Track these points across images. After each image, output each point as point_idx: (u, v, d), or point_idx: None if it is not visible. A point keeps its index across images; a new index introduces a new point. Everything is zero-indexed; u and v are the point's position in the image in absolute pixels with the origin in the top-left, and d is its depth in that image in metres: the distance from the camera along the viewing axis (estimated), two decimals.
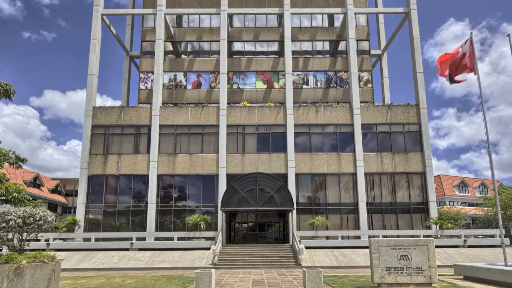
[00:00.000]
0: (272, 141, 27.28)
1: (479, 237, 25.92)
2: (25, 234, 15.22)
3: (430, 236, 23.71)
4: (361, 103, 28.39)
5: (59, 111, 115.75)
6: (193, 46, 32.56)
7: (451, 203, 51.41)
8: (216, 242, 22.29)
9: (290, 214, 24.69)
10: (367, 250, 19.93)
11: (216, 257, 20.36)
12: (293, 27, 31.54)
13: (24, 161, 20.11)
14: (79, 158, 27.03)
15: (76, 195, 39.80)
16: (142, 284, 12.31)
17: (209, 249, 22.28)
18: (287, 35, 29.20)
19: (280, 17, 31.62)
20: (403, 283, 10.09)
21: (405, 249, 10.20)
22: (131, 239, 23.32)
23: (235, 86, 31.52)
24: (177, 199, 26.65)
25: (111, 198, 26.54)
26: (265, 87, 31.48)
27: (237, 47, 32.59)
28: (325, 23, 33.03)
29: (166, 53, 31.49)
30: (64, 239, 23.93)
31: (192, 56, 32.27)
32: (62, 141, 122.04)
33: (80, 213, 25.71)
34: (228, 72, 30.38)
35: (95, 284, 12.56)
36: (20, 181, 36.75)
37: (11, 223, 13.83)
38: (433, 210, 25.91)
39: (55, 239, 23.57)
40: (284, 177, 26.03)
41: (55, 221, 21.20)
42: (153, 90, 28.81)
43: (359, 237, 24.32)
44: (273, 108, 28.01)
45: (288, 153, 26.64)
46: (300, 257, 20.37)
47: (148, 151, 26.85)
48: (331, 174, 26.71)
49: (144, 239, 24.04)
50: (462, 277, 13.03)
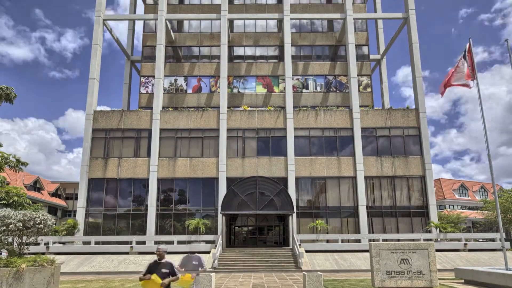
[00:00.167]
0: (272, 145, 27.33)
1: (480, 240, 25.84)
2: (24, 237, 15.18)
3: (430, 239, 23.65)
4: (360, 107, 28.50)
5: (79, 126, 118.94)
6: (193, 50, 32.76)
7: (451, 207, 51.25)
8: (216, 245, 22.25)
9: (290, 217, 24.66)
10: (368, 253, 19.86)
11: (216, 261, 20.32)
12: (292, 32, 31.77)
13: (25, 164, 20.13)
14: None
15: (76, 199, 39.79)
16: None
17: (209, 252, 22.23)
18: (287, 40, 29.41)
19: (280, 22, 31.86)
20: (403, 287, 10.08)
21: (405, 253, 10.17)
22: (131, 242, 23.28)
23: (235, 90, 31.67)
24: (177, 202, 26.64)
25: (111, 201, 26.53)
26: (265, 91, 31.62)
27: (237, 51, 32.80)
28: (325, 28, 33.28)
29: (166, 57, 31.67)
30: (64, 243, 23.88)
31: (192, 60, 32.46)
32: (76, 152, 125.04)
33: (80, 216, 25.66)
34: (228, 76, 30.55)
35: None
36: (20, 184, 36.72)
37: (11, 226, 13.80)
38: (433, 213, 25.89)
39: (55, 243, 23.50)
40: (284, 181, 26.04)
41: (55, 224, 21.20)
42: (153, 94, 28.93)
43: (359, 241, 24.27)
44: (273, 112, 28.11)
45: (288, 156, 26.68)
46: (300, 260, 20.31)
47: (148, 155, 26.90)
48: (331, 177, 26.73)
49: (144, 242, 23.98)
50: (463, 281, 13.00)
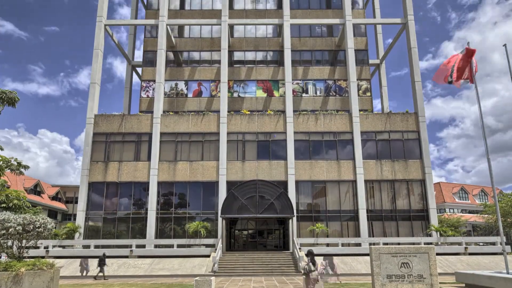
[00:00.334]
0: (272, 149, 27.40)
1: (480, 244, 25.77)
2: (24, 241, 15.15)
3: (431, 243, 23.62)
4: (360, 111, 28.62)
5: None
6: (194, 55, 33.00)
7: (451, 210, 51.14)
8: (216, 249, 22.19)
9: (290, 221, 24.64)
10: (368, 257, 19.81)
11: (216, 265, 20.26)
12: (292, 37, 32.00)
13: (26, 168, 20.19)
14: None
15: (76, 202, 39.68)
16: None
17: (209, 256, 22.16)
18: (287, 45, 29.63)
19: (279, 27, 32.14)
20: None
21: (406, 257, 10.15)
22: (130, 246, 23.23)
23: (235, 94, 31.83)
24: (177, 206, 26.62)
25: (111, 205, 26.52)
26: (265, 95, 31.78)
27: (237, 56, 33.04)
28: (324, 33, 33.55)
29: (167, 62, 31.88)
30: (63, 246, 23.83)
31: (193, 65, 32.67)
32: None
33: (80, 220, 25.65)
34: (228, 81, 30.74)
35: None
36: (20, 188, 36.71)
37: (11, 230, 13.79)
38: (434, 217, 25.86)
39: (54, 246, 23.46)
40: (284, 184, 26.06)
41: (55, 228, 21.16)
42: (154, 98, 29.08)
43: (359, 245, 24.22)
44: (273, 116, 28.23)
45: (288, 160, 26.73)
46: (300, 264, 20.25)
47: (148, 159, 26.95)
48: (331, 181, 26.75)
49: (143, 246, 23.93)
50: (463, 285, 12.97)
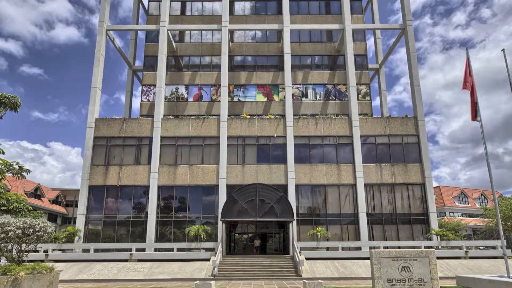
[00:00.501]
0: (272, 153, 27.47)
1: (481, 248, 25.70)
2: (24, 245, 15.14)
3: (431, 247, 23.54)
4: (360, 115, 28.75)
5: None
6: (194, 60, 33.22)
7: (451, 214, 51.02)
8: (216, 253, 22.14)
9: (290, 225, 24.61)
10: (368, 261, 19.77)
11: (215, 269, 20.19)
12: (292, 42, 32.25)
13: (27, 171, 20.24)
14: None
15: (76, 206, 39.73)
16: None
17: (208, 260, 22.10)
18: (287, 50, 29.84)
19: (279, 32, 32.41)
20: None
21: (406, 261, 10.14)
22: (130, 250, 23.18)
23: (235, 99, 31.98)
24: (177, 209, 26.61)
25: (111, 208, 26.51)
26: (265, 99, 31.94)
27: (237, 61, 33.27)
28: (324, 38, 33.81)
29: (168, 67, 32.08)
30: (63, 250, 23.79)
31: (193, 69, 32.88)
32: None
33: (80, 223, 25.62)
34: (229, 85, 30.91)
35: None
36: (21, 191, 36.72)
37: (10, 234, 13.80)
38: (434, 221, 25.83)
39: (54, 250, 23.42)
40: (284, 188, 26.08)
41: (55, 231, 21.18)
42: (155, 102, 29.23)
43: (359, 248, 24.15)
44: (273, 120, 28.34)
45: (288, 164, 26.78)
46: (300, 268, 20.20)
47: (149, 162, 27.01)
48: (331, 185, 26.77)
49: (143, 250, 23.87)
50: None
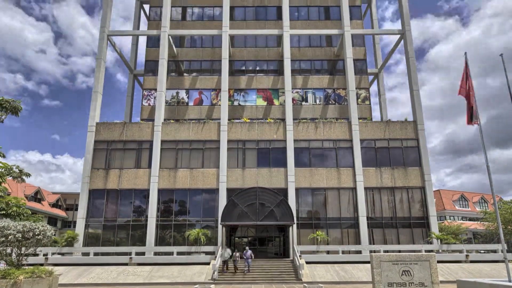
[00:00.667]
0: (272, 156, 27.54)
1: (481, 252, 25.57)
2: (23, 248, 15.11)
3: (431, 251, 23.44)
4: (359, 119, 28.90)
5: None
6: (195, 64, 33.51)
7: (451, 218, 50.80)
8: (216, 256, 22.06)
9: (290, 228, 24.56)
10: (369, 265, 19.65)
11: (215, 272, 20.10)
12: (292, 47, 32.61)
13: (27, 175, 20.28)
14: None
15: (76, 209, 39.54)
16: None
17: (208, 264, 21.99)
18: (287, 54, 30.14)
19: (279, 37, 32.78)
20: None
21: (407, 264, 10.10)
22: (130, 253, 23.08)
23: (236, 103, 32.20)
24: (177, 213, 26.58)
25: (111, 212, 26.48)
26: (265, 104, 32.14)
27: (238, 65, 33.57)
28: (323, 43, 34.17)
29: (169, 71, 32.36)
30: (63, 254, 23.70)
31: (194, 74, 33.17)
32: None
33: (80, 227, 25.58)
34: (229, 89, 31.15)
35: None
36: (21, 195, 36.69)
37: (10, 237, 13.79)
38: (434, 224, 25.76)
39: (53, 254, 23.33)
40: (284, 192, 26.09)
41: (55, 235, 21.10)
42: (155, 106, 29.43)
43: (360, 252, 24.06)
44: (273, 124, 28.49)
45: (288, 168, 26.83)
46: (300, 272, 20.10)
47: (149, 166, 27.06)
48: (331, 188, 26.77)
49: (143, 253, 23.79)
50: None
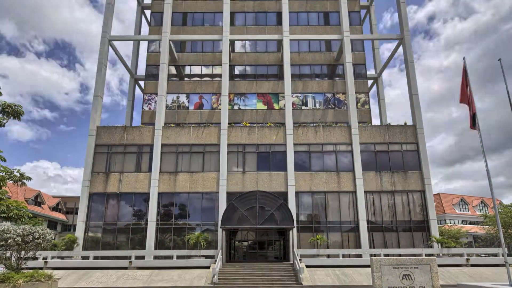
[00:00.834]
0: (272, 160, 27.61)
1: (482, 255, 25.49)
2: (23, 252, 15.10)
3: (432, 254, 23.38)
4: (359, 123, 29.03)
5: None
6: (195, 69, 33.75)
7: (452, 222, 50.69)
8: (216, 260, 22.00)
9: (290, 232, 24.52)
10: (369, 269, 19.63)
11: (215, 276, 20.03)
12: (292, 52, 32.88)
13: (28, 179, 20.30)
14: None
15: (76, 213, 39.51)
16: None
17: (208, 267, 21.93)
18: (286, 59, 30.38)
19: (279, 42, 33.07)
20: None
21: (407, 268, 10.12)
22: (130, 257, 23.02)
23: (236, 107, 32.36)
24: (177, 217, 26.55)
25: (111, 216, 26.45)
26: (265, 108, 32.30)
27: (238, 70, 33.82)
28: (323, 48, 34.47)
29: (169, 76, 32.60)
30: (62, 258, 23.63)
31: (194, 79, 33.38)
32: None
33: (79, 231, 25.53)
34: (229, 94, 31.35)
35: None
36: (21, 198, 36.72)
37: (10, 241, 13.80)
38: (434, 228, 25.72)
39: (53, 258, 23.27)
40: (284, 195, 26.09)
41: (54, 239, 21.09)
42: (156, 111, 29.58)
43: (360, 256, 23.99)
44: (273, 128, 28.60)
45: (288, 171, 26.87)
46: (301, 276, 20.03)
47: (149, 170, 27.11)
48: (331, 192, 26.78)
49: (143, 257, 23.71)
50: None
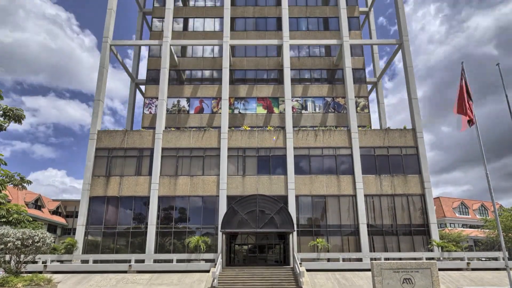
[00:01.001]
0: (272, 164, 27.67)
1: (483, 259, 25.39)
2: (22, 256, 15.10)
3: (432, 258, 23.30)
4: (359, 127, 29.14)
5: None
6: (196, 74, 33.97)
7: (452, 225, 50.53)
8: (215, 264, 21.93)
9: (290, 236, 24.48)
10: (369, 273, 19.52)
11: (215, 280, 19.95)
12: (292, 57, 33.12)
13: (28, 183, 20.35)
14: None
15: (76, 217, 39.45)
16: None
17: (208, 271, 21.84)
18: (286, 64, 30.61)
19: (279, 47, 33.34)
20: None
21: (408, 272, 10.05)
22: (129, 261, 22.95)
23: (236, 111, 32.50)
24: (177, 220, 26.52)
25: (111, 219, 26.43)
26: (265, 112, 32.45)
27: (238, 74, 34.02)
28: (322, 53, 34.71)
29: (170, 80, 32.79)
30: (62, 261, 23.57)
31: (195, 83, 33.57)
32: None
33: (79, 234, 25.50)
34: (229, 98, 31.51)
35: None
36: (21, 202, 36.71)
37: (9, 245, 13.82)
38: (435, 232, 25.67)
39: (53, 261, 23.21)
40: (284, 199, 26.09)
41: (54, 242, 21.06)
42: (156, 114, 29.73)
43: (360, 260, 23.92)
44: (273, 132, 28.71)
45: (288, 175, 26.91)
46: (301, 280, 19.93)
47: (150, 173, 27.15)
48: (331, 196, 26.79)
49: (143, 261, 23.64)
50: None
